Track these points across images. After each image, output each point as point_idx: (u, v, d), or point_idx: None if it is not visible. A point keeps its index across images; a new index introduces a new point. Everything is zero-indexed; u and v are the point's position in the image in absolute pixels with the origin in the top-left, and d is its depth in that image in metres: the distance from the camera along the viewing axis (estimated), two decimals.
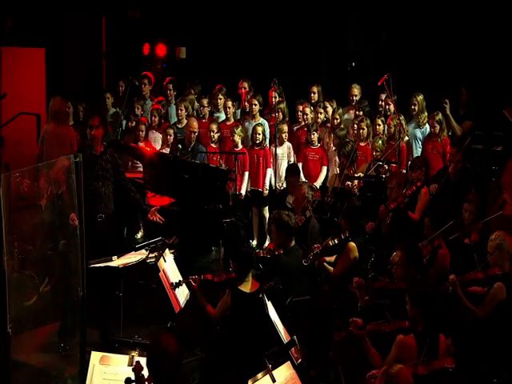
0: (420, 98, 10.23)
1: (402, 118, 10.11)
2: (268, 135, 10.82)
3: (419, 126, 10.30)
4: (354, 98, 10.93)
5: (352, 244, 7.79)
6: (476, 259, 7.29)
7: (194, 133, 10.57)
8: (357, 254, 7.80)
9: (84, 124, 11.28)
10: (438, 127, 9.83)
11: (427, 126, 10.19)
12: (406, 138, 10.20)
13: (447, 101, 10.15)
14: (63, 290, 7.94)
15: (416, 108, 10.25)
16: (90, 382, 5.28)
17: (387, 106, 10.51)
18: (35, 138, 11.45)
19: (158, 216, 8.05)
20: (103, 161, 8.07)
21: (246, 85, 11.61)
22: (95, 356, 5.34)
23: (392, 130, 10.20)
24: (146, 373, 4.62)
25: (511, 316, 6.40)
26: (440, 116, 9.87)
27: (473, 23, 11.00)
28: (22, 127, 10.71)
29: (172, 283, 7.01)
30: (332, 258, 7.99)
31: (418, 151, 10.28)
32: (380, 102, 10.69)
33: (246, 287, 6.67)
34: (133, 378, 4.63)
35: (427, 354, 5.56)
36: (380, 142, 9.94)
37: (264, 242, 10.63)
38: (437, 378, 5.23)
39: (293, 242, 7.73)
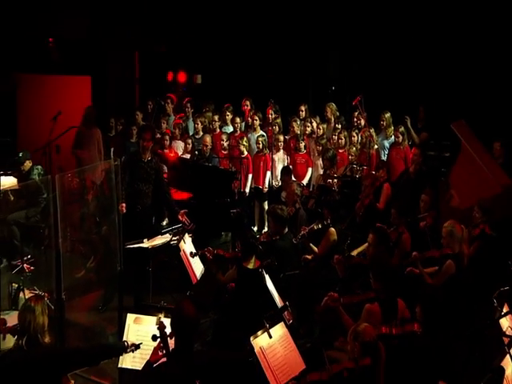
0: (387, 115, 10.23)
1: (372, 130, 10.14)
2: (267, 144, 10.79)
3: (387, 138, 10.26)
4: (327, 115, 10.92)
5: (332, 229, 7.85)
6: (429, 239, 7.35)
7: (207, 146, 10.55)
8: (336, 237, 7.86)
9: (122, 135, 11.33)
10: (400, 137, 9.82)
11: (393, 137, 10.18)
12: (376, 146, 10.18)
13: (408, 117, 10.19)
14: (105, 266, 7.98)
15: (384, 124, 10.25)
16: (126, 338, 5.33)
17: (359, 121, 10.50)
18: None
19: (185, 218, 8.05)
20: (148, 167, 8.21)
21: (248, 103, 11.58)
22: (130, 317, 5.43)
23: (364, 140, 10.21)
24: (168, 330, 4.65)
25: (459, 285, 6.45)
26: (402, 129, 9.88)
27: (425, 57, 11.01)
28: (73, 138, 10.71)
29: (191, 252, 7.11)
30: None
31: (385, 157, 10.26)
32: (354, 119, 10.65)
33: (249, 264, 6.69)
34: (158, 334, 4.65)
35: (390, 316, 5.60)
36: (354, 149, 9.97)
37: (263, 228, 10.60)
38: (406, 338, 5.24)
39: (286, 229, 7.72)
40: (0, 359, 5.29)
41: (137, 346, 5.02)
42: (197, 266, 7.20)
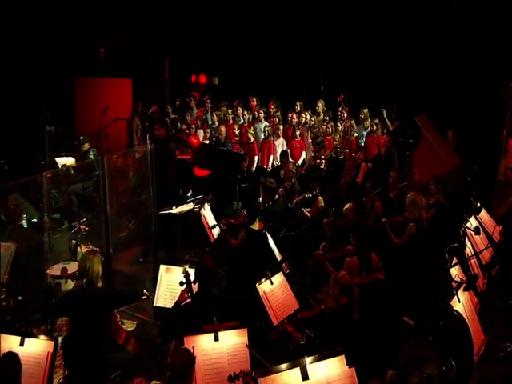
0: (365, 110, 10.10)
1: (352, 121, 10.07)
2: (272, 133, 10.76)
3: (365, 128, 10.16)
4: (318, 109, 10.86)
5: (320, 198, 7.85)
6: (396, 207, 7.39)
7: (222, 134, 10.51)
8: (323, 204, 7.86)
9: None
10: (375, 127, 9.75)
11: (369, 127, 10.13)
12: (356, 134, 10.11)
13: (383, 109, 10.09)
14: (143, 227, 8.02)
15: (362, 117, 10.11)
16: (159, 284, 5.43)
17: (342, 114, 10.42)
18: (125, 133, 11.54)
19: None
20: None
21: (255, 100, 11.49)
22: (163, 268, 5.50)
23: (346, 129, 10.15)
24: (192, 278, 4.71)
25: (420, 243, 6.49)
26: (377, 120, 9.80)
27: (399, 61, 10.91)
28: (118, 127, 10.74)
29: (209, 226, 7.09)
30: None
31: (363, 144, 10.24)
32: (338, 113, 10.60)
33: (255, 226, 6.71)
34: (184, 281, 4.70)
35: (366, 267, 5.63)
36: (338, 136, 9.92)
37: None
38: (373, 284, 5.28)
39: (276, 196, 7.72)
40: (63, 297, 5.41)
41: (148, 296, 5.27)
42: (214, 230, 7.21)
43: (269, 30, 12.34)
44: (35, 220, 7.12)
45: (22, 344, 4.26)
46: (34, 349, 4.25)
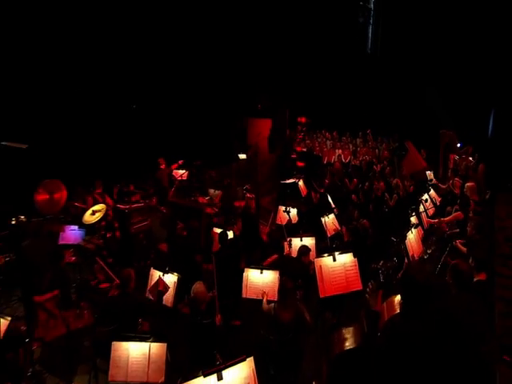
0: (379, 138, 9.58)
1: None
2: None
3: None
4: (358, 136, 10.40)
5: (355, 180, 7.49)
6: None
7: (309, 145, 10.52)
8: (356, 183, 7.52)
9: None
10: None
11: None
12: (376, 150, 9.60)
13: (390, 138, 9.43)
14: (274, 187, 8.16)
15: (378, 140, 9.64)
16: (276, 214, 5.46)
17: (369, 138, 9.93)
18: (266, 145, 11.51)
19: None
20: None
21: (326, 130, 11.30)
22: (281, 207, 5.38)
23: (370, 146, 9.68)
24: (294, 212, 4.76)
25: (401, 203, 6.22)
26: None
27: (398, 117, 10.01)
28: (264, 141, 10.72)
29: (303, 188, 6.95)
30: None
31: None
32: (367, 138, 10.08)
33: (321, 190, 6.68)
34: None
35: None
36: (365, 149, 9.53)
37: None
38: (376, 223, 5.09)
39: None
40: None
41: None
42: (303, 188, 7.15)
43: (336, 100, 11.87)
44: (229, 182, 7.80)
45: None
46: None
